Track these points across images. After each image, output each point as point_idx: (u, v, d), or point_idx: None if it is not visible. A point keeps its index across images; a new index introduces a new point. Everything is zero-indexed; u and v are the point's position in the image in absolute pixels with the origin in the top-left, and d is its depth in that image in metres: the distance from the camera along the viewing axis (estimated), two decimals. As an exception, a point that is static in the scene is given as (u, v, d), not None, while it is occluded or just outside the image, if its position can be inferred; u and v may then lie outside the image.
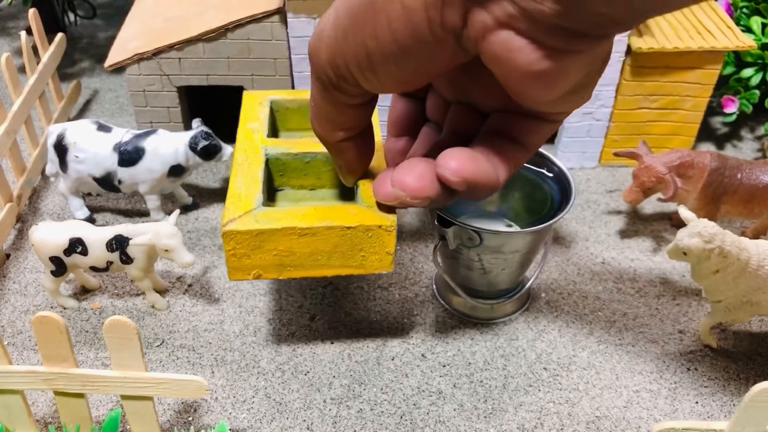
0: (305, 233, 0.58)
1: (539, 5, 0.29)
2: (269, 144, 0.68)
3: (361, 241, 0.59)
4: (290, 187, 0.69)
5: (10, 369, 0.56)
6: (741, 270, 0.65)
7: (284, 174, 0.68)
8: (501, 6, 0.31)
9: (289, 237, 0.58)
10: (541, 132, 0.42)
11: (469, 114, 0.44)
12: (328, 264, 0.60)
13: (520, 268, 0.71)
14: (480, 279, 0.71)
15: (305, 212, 0.59)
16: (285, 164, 0.68)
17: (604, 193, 0.93)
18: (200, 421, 0.64)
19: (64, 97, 1.03)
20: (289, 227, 0.57)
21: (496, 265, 0.69)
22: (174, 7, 0.93)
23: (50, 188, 0.92)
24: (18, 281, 0.78)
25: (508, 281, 0.72)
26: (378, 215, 0.57)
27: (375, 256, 0.60)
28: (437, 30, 0.33)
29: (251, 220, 0.58)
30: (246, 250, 0.58)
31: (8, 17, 1.32)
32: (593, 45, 0.32)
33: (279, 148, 0.67)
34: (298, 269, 0.60)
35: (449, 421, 0.65)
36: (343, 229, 0.58)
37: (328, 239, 0.58)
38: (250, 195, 0.61)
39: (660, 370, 0.70)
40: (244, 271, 0.60)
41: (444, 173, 0.40)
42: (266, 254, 0.59)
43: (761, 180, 0.77)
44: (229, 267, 0.60)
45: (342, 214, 0.58)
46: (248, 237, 0.58)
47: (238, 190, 0.61)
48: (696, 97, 0.90)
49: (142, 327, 0.73)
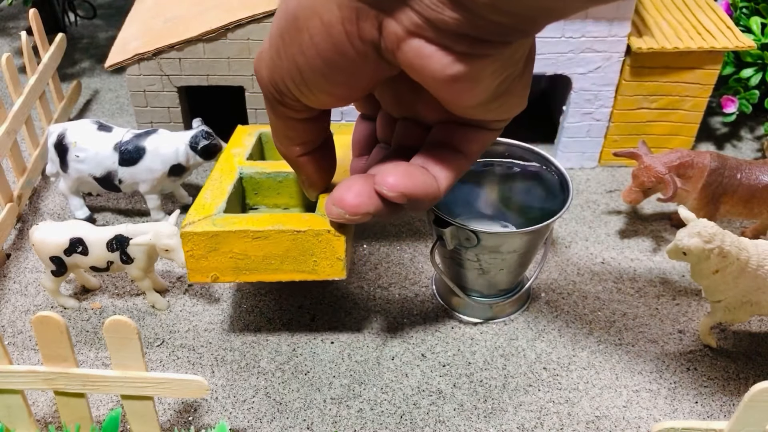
0: (258, 236, 0.61)
1: (441, 15, 0.32)
2: (245, 164, 0.71)
3: (312, 246, 0.61)
4: (265, 206, 0.73)
5: (10, 369, 0.56)
6: (740, 270, 0.65)
7: (258, 193, 0.72)
8: (409, 16, 0.33)
9: (243, 240, 0.61)
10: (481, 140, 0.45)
11: (414, 128, 0.46)
12: (281, 268, 0.63)
13: (519, 269, 0.71)
14: (478, 279, 0.71)
15: (260, 218, 0.62)
16: (259, 183, 0.71)
17: (603, 193, 0.93)
18: (200, 421, 0.64)
19: (64, 97, 1.03)
20: (242, 230, 0.60)
21: (494, 266, 0.69)
22: (174, 7, 0.93)
23: (51, 188, 0.92)
24: (18, 281, 0.78)
25: (507, 281, 0.72)
26: (327, 222, 0.60)
27: (326, 262, 0.62)
28: (357, 43, 0.36)
29: (209, 224, 0.61)
30: (203, 251, 0.61)
31: (9, 17, 1.33)
32: (500, 50, 0.34)
33: (254, 167, 0.71)
34: (253, 273, 0.63)
35: (449, 420, 0.65)
36: (294, 233, 0.60)
37: (280, 243, 0.61)
38: (213, 204, 0.64)
39: (660, 369, 0.70)
40: (202, 273, 0.63)
41: (381, 189, 0.43)
42: (222, 257, 0.62)
43: (761, 180, 0.77)
44: (188, 268, 0.63)
45: (294, 220, 0.62)
46: (204, 239, 0.61)
47: (204, 201, 0.65)
48: (696, 97, 0.91)
49: (143, 327, 0.73)
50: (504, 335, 0.73)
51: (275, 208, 0.73)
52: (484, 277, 0.71)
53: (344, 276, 0.63)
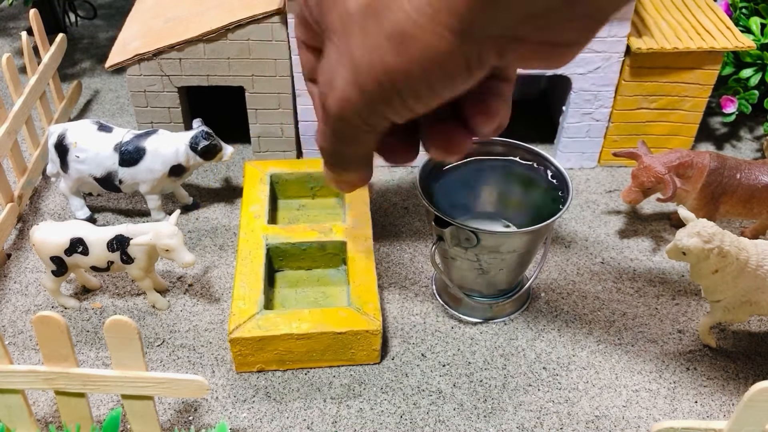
0: (301, 338, 0.66)
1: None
2: (270, 233, 0.76)
3: (351, 342, 0.67)
4: (289, 269, 0.79)
5: (11, 368, 0.56)
6: (740, 270, 0.65)
7: (284, 259, 0.78)
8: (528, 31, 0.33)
9: (287, 341, 0.66)
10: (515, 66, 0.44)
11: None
12: (322, 359, 0.68)
13: (519, 269, 0.71)
14: (478, 279, 0.71)
15: (301, 316, 0.67)
16: (284, 251, 0.77)
17: (603, 194, 0.93)
18: (201, 421, 0.65)
19: (64, 98, 1.03)
20: (287, 333, 0.66)
21: (494, 266, 0.69)
22: (174, 7, 0.93)
23: (51, 188, 0.92)
24: (19, 281, 0.79)
25: (506, 281, 0.72)
26: (365, 320, 0.66)
27: (363, 353, 0.68)
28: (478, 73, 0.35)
29: (254, 327, 0.66)
30: (250, 351, 0.67)
31: (9, 18, 1.33)
32: None
33: (278, 237, 0.77)
34: (296, 363, 0.68)
35: (449, 420, 0.65)
36: (335, 334, 0.66)
37: (322, 341, 0.67)
38: (252, 298, 0.69)
39: (659, 369, 0.70)
40: (248, 366, 0.68)
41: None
42: (268, 353, 0.67)
43: (760, 180, 0.77)
44: (235, 362, 0.68)
45: (334, 319, 0.66)
46: (252, 342, 0.66)
47: (242, 291, 0.70)
48: (695, 97, 0.91)
49: (143, 327, 0.73)
50: (504, 335, 0.73)
51: (299, 270, 0.79)
52: (484, 277, 0.71)
53: (378, 361, 0.70)
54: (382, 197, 0.91)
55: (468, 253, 0.68)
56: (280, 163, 0.87)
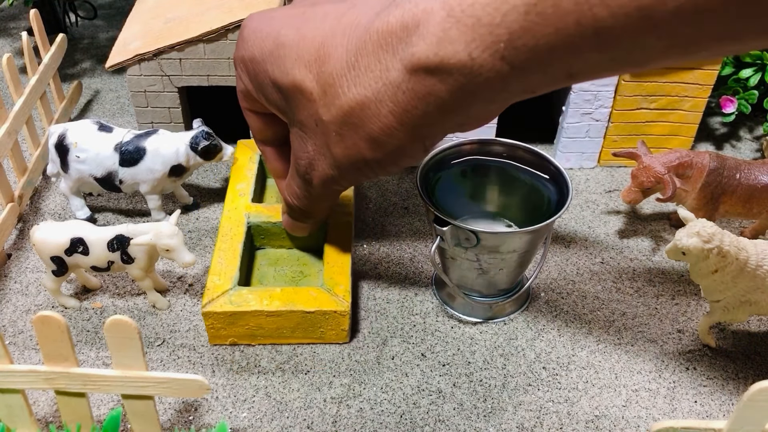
0: (271, 315, 0.68)
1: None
2: (252, 211, 0.79)
3: (320, 321, 0.69)
4: (270, 247, 0.81)
5: (11, 368, 0.56)
6: (739, 270, 0.65)
7: (265, 237, 0.80)
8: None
9: (258, 317, 0.68)
10: None
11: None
12: (292, 336, 0.71)
13: (519, 268, 0.71)
14: (478, 279, 0.72)
15: (273, 294, 0.69)
16: (265, 230, 0.79)
17: (603, 194, 0.93)
18: (201, 420, 0.65)
19: (65, 98, 1.03)
20: (257, 310, 0.68)
21: (494, 266, 0.69)
22: (175, 8, 0.93)
23: (51, 188, 0.92)
24: (19, 281, 0.79)
25: (506, 281, 0.73)
26: (334, 300, 0.68)
27: (332, 332, 0.70)
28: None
29: (227, 302, 0.68)
30: (222, 324, 0.69)
31: (9, 18, 1.33)
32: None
33: (260, 216, 0.78)
34: (267, 338, 0.71)
35: (449, 420, 0.65)
36: (304, 313, 0.68)
37: (291, 319, 0.69)
38: (228, 274, 0.71)
39: (659, 369, 0.70)
40: (221, 339, 0.71)
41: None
42: (239, 328, 0.70)
43: (760, 180, 0.77)
44: (209, 335, 0.70)
45: (304, 298, 0.68)
46: (224, 316, 0.68)
47: (218, 267, 0.72)
48: (695, 97, 0.91)
49: (143, 326, 0.73)
50: (504, 335, 0.73)
51: (280, 248, 0.80)
52: (484, 277, 0.71)
53: (347, 341, 0.71)
54: (382, 197, 0.91)
55: (468, 253, 0.68)
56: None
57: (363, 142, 0.50)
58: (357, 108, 0.48)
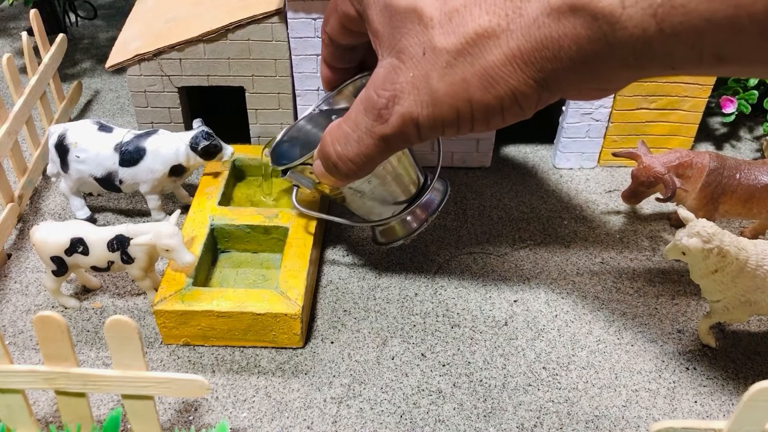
0: (222, 315, 0.68)
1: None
2: (216, 214, 0.79)
3: (271, 324, 0.68)
4: (235, 250, 0.81)
5: (11, 368, 0.56)
6: (739, 270, 0.65)
7: (229, 240, 0.80)
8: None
9: (209, 317, 0.68)
10: None
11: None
12: (244, 338, 0.70)
13: (396, 177, 0.70)
14: (370, 203, 0.71)
15: (225, 295, 0.68)
16: (229, 233, 0.79)
17: (602, 194, 0.93)
18: (201, 420, 0.65)
19: (65, 98, 1.03)
20: (208, 310, 0.67)
21: (366, 186, 0.68)
22: (175, 8, 0.93)
23: (51, 188, 0.92)
24: (19, 281, 0.79)
25: (397, 191, 0.71)
26: (286, 303, 0.68)
27: (284, 336, 0.69)
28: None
29: (178, 301, 0.68)
30: (174, 324, 0.69)
31: (9, 18, 1.33)
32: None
33: (224, 218, 0.78)
34: (219, 340, 0.70)
35: (449, 420, 0.65)
36: (254, 315, 0.68)
37: (242, 320, 0.68)
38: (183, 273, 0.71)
39: (659, 369, 0.70)
40: (174, 338, 0.71)
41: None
42: (191, 328, 0.69)
43: (760, 180, 0.77)
44: (161, 334, 0.70)
45: (256, 300, 0.68)
46: (174, 315, 0.68)
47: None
48: (695, 97, 0.91)
49: (143, 326, 0.73)
50: (503, 335, 0.74)
51: (245, 252, 0.81)
52: (373, 200, 0.70)
53: (301, 345, 0.71)
54: (382, 197, 0.92)
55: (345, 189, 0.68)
56: (242, 149, 0.90)
57: (475, 78, 0.45)
58: (483, 35, 0.44)
